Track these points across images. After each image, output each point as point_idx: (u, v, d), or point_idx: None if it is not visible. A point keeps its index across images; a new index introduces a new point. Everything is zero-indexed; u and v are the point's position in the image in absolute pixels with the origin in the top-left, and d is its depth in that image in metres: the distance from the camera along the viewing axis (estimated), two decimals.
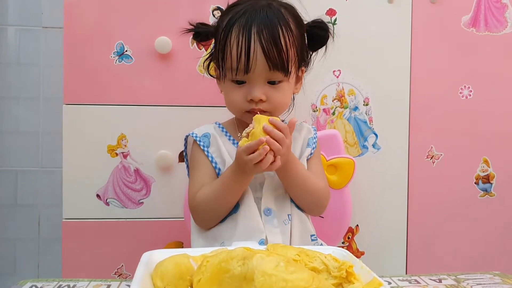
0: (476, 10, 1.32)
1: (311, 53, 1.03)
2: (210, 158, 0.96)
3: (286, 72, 0.92)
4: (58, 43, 1.56)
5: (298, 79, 1.01)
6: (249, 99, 0.92)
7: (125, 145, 1.23)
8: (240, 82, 0.93)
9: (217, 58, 0.96)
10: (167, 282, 0.58)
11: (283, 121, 1.04)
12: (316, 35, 1.00)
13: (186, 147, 1.03)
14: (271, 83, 0.92)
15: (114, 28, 1.22)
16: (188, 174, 1.01)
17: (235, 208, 0.94)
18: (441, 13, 1.31)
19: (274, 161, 0.84)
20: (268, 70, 0.90)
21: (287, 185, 0.95)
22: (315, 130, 1.05)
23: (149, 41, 1.21)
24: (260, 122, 0.84)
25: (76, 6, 1.21)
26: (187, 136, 1.01)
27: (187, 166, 1.03)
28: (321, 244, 0.99)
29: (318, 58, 1.04)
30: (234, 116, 1.02)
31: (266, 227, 0.92)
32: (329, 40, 1.01)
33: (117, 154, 1.22)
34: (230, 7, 0.96)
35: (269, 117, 0.85)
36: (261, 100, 0.92)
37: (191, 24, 1.01)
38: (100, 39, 1.22)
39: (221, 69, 0.96)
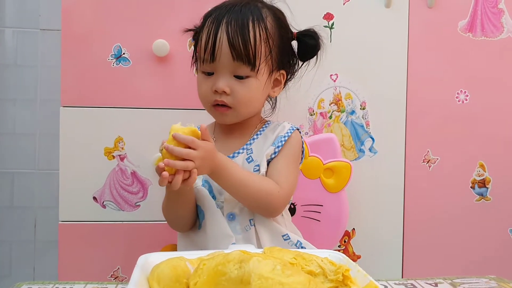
0: (472, 15, 1.33)
1: (302, 62, 1.03)
2: None
3: (252, 66, 0.91)
4: (55, 45, 1.55)
5: (277, 83, 1.00)
6: (213, 90, 0.92)
7: (122, 148, 1.22)
8: (210, 74, 0.94)
9: (194, 52, 0.97)
10: (163, 285, 0.58)
11: (267, 122, 1.03)
12: (306, 43, 1.00)
13: None
14: (239, 78, 0.92)
15: (112, 31, 1.22)
16: None
17: (202, 214, 0.95)
18: (438, 17, 1.31)
19: (189, 176, 0.80)
20: (232, 60, 0.90)
21: (226, 190, 0.91)
22: (292, 129, 0.99)
23: (146, 44, 1.21)
24: (169, 137, 0.79)
25: (73, 9, 1.21)
26: None
27: None
28: (298, 241, 0.96)
29: (310, 67, 1.05)
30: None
31: None
32: (320, 50, 1.01)
33: (114, 157, 1.22)
34: (217, 5, 0.98)
35: (181, 128, 0.80)
36: (225, 92, 0.92)
37: (194, 26, 1.03)
38: (98, 41, 1.22)
39: (196, 63, 0.97)
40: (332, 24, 1.28)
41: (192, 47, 1.23)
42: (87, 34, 1.21)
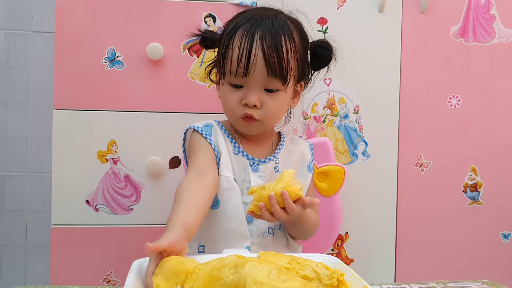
0: (465, 21, 1.34)
1: (312, 72, 1.03)
2: (213, 146, 0.94)
3: (284, 81, 0.92)
4: (48, 48, 1.55)
5: (296, 93, 1.01)
6: (243, 103, 0.92)
7: (115, 151, 1.22)
8: (238, 87, 0.93)
9: (219, 62, 0.96)
10: (161, 270, 0.58)
11: (280, 134, 1.04)
12: (320, 54, 1.01)
13: (184, 142, 1.01)
14: (268, 91, 0.92)
15: (106, 34, 1.21)
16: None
17: (214, 202, 0.92)
18: (431, 23, 1.32)
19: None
20: (267, 76, 0.90)
21: (288, 229, 0.98)
22: (312, 148, 1.06)
23: (140, 47, 1.21)
24: (277, 185, 0.83)
25: (67, 11, 1.20)
26: (186, 130, 1.00)
27: (186, 162, 1.00)
28: None
29: (320, 77, 1.05)
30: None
31: None
32: (332, 61, 1.02)
33: (107, 160, 1.22)
34: (238, 14, 0.97)
35: (291, 187, 0.83)
36: (255, 106, 0.92)
37: (199, 30, 1.02)
38: (91, 44, 1.21)
39: (221, 73, 0.96)
40: (326, 28, 1.29)
41: (187, 51, 1.24)
42: (80, 37, 1.21)
